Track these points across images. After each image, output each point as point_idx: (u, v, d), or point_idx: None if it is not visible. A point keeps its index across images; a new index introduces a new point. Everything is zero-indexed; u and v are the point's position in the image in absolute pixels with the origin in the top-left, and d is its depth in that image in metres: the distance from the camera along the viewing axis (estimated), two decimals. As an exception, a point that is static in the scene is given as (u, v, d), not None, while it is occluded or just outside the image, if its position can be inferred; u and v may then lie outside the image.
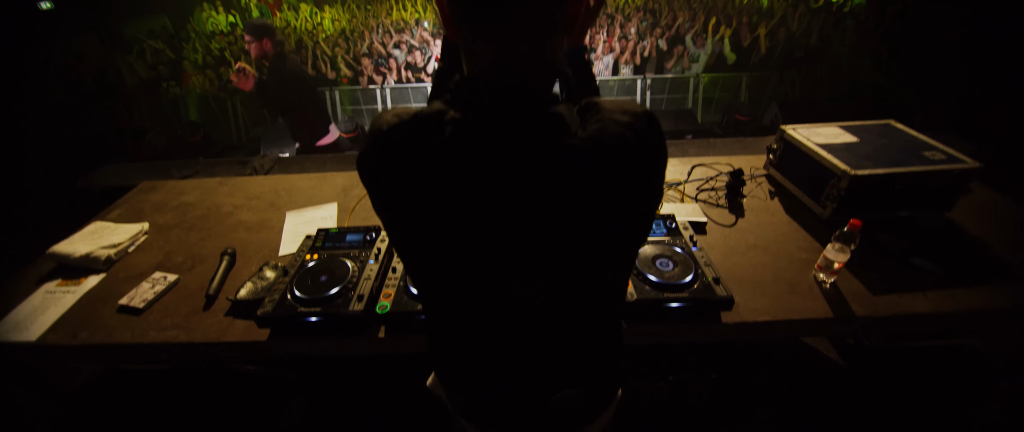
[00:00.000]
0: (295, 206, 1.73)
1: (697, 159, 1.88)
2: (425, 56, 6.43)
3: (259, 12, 10.23)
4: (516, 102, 0.53)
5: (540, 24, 0.52)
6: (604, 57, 6.15)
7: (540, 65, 0.55)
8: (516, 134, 0.52)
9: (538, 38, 0.53)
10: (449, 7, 0.54)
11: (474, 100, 0.54)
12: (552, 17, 0.52)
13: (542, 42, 0.53)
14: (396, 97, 6.32)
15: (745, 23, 6.74)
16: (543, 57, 0.54)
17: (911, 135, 1.65)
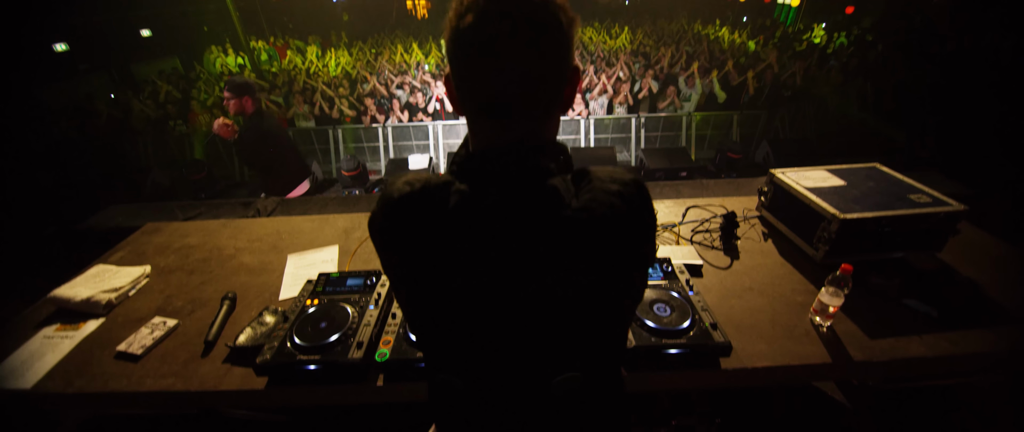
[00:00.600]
0: (297, 248, 1.76)
1: (691, 200, 1.92)
2: (426, 96, 6.65)
3: (267, 55, 10.65)
4: (516, 176, 0.57)
5: (540, 113, 0.58)
6: (599, 97, 6.38)
7: (539, 142, 0.60)
8: (516, 205, 0.56)
9: (538, 123, 0.58)
10: (457, 94, 0.60)
11: (478, 173, 0.58)
12: (551, 106, 0.59)
13: (542, 124, 0.59)
14: (397, 135, 6.48)
15: (732, 65, 7.04)
16: (542, 135, 0.60)
17: (897, 178, 1.70)
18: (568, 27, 0.55)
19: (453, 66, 0.58)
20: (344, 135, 6.49)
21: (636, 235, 0.59)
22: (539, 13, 0.52)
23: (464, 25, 0.52)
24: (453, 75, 0.59)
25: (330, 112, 6.65)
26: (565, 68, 0.58)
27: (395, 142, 6.48)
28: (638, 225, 0.59)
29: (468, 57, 0.54)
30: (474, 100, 0.58)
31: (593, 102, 6.41)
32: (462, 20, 0.52)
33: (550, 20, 0.53)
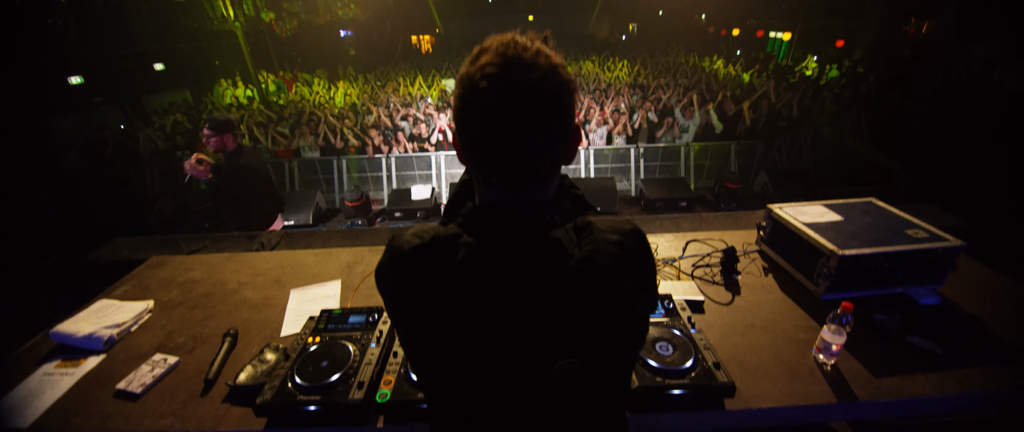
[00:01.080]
0: (300, 283, 1.77)
1: (691, 234, 1.94)
2: (429, 128, 6.80)
3: (275, 87, 10.98)
4: (521, 229, 0.60)
5: (545, 172, 0.62)
6: (598, 129, 6.51)
7: (544, 197, 0.63)
8: (521, 257, 0.59)
9: (543, 180, 0.62)
10: (462, 150, 0.63)
11: (485, 227, 0.61)
12: (555, 165, 0.63)
13: (547, 181, 0.62)
14: (400, 165, 6.59)
15: (728, 97, 7.22)
16: (546, 190, 0.63)
17: (893, 213, 1.73)
18: (572, 92, 0.59)
19: (461, 127, 0.61)
20: (348, 165, 6.59)
21: (637, 283, 0.61)
22: (547, 82, 0.56)
23: (475, 92, 0.56)
24: (460, 134, 0.62)
25: (335, 142, 6.78)
26: (570, 130, 0.61)
27: (398, 172, 6.58)
28: (638, 274, 0.61)
29: (478, 124, 0.58)
30: (481, 163, 0.61)
31: (592, 133, 6.54)
32: (474, 87, 0.56)
33: (557, 88, 0.57)
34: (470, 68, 0.57)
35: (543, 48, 0.57)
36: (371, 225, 4.74)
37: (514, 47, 0.55)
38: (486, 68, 0.55)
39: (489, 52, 0.56)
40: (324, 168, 6.67)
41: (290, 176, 6.69)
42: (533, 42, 0.57)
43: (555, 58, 0.58)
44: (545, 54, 0.57)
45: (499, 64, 0.54)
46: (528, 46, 0.56)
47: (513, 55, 0.55)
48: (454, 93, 0.60)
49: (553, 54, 0.58)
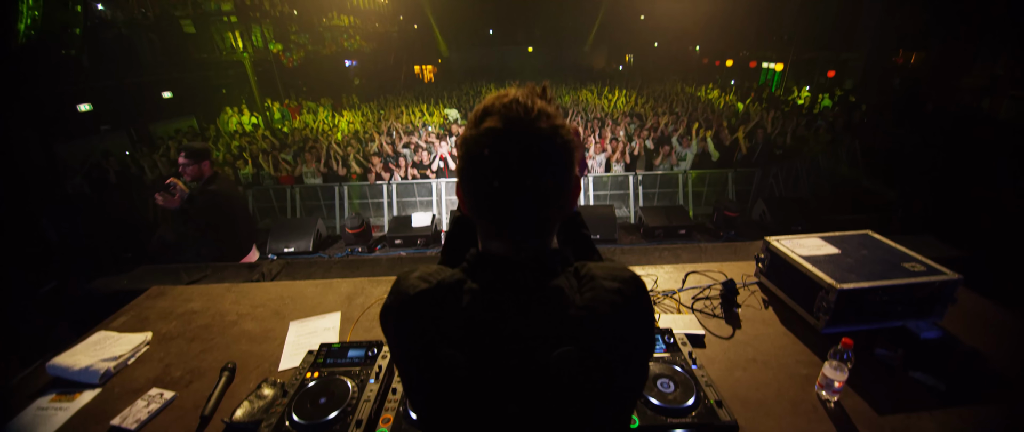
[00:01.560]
0: (299, 315, 1.76)
1: (690, 266, 1.95)
2: (431, 156, 6.90)
3: (280, 115, 11.20)
4: (524, 278, 0.62)
5: (546, 227, 0.64)
6: (597, 156, 6.61)
7: (546, 245, 0.65)
8: (524, 305, 0.60)
9: (546, 229, 0.64)
10: (467, 202, 0.65)
11: (489, 274, 0.63)
12: (557, 215, 0.65)
13: (548, 234, 0.64)
14: (401, 191, 6.64)
15: (725, 125, 7.36)
16: (549, 238, 0.65)
17: (889, 245, 1.74)
18: (572, 151, 0.62)
19: (466, 186, 0.63)
20: (350, 191, 6.65)
21: (636, 329, 0.62)
22: (548, 145, 0.59)
23: (480, 156, 0.58)
24: (465, 192, 0.64)
25: (338, 169, 6.87)
26: (571, 183, 0.64)
27: (399, 198, 6.63)
28: (637, 321, 0.62)
29: (483, 185, 0.60)
30: (486, 216, 0.64)
31: (591, 160, 6.64)
32: (478, 150, 0.58)
33: (559, 149, 0.60)
34: (474, 131, 0.59)
35: (544, 107, 0.60)
36: (371, 252, 4.74)
37: (516, 109, 0.58)
38: (490, 132, 0.57)
39: (492, 116, 0.58)
40: (326, 194, 6.72)
41: (292, 202, 6.73)
42: (534, 102, 0.59)
43: (556, 118, 0.61)
44: (546, 114, 0.59)
45: (502, 129, 0.57)
46: (530, 107, 0.58)
47: (515, 119, 0.57)
48: (458, 154, 0.62)
49: (554, 113, 0.61)
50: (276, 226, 4.99)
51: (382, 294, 1.88)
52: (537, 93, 0.62)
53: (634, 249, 2.37)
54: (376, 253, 4.73)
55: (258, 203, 6.94)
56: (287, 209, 6.70)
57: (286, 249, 4.68)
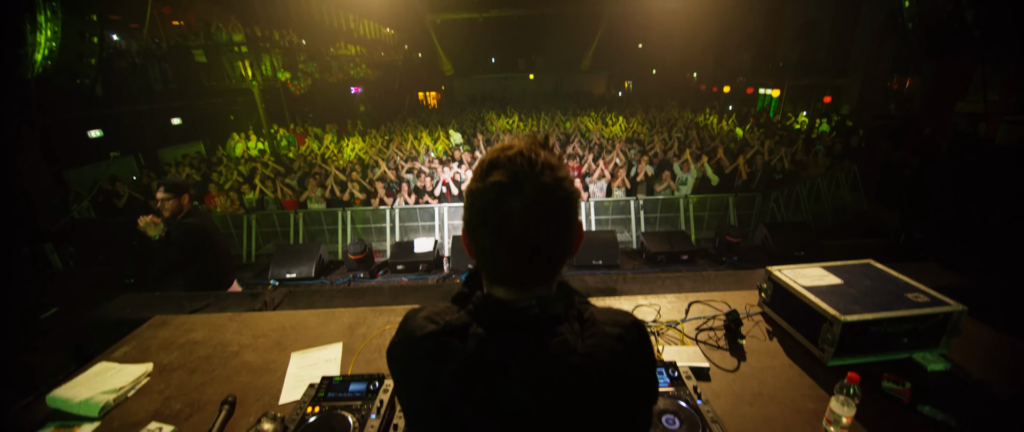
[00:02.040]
0: (301, 345, 1.76)
1: (693, 295, 1.95)
2: (434, 181, 6.97)
3: (287, 141, 11.40)
4: (528, 324, 0.63)
5: (549, 274, 0.66)
6: (598, 182, 6.67)
7: (549, 291, 0.67)
8: (528, 351, 0.61)
9: (547, 281, 0.66)
10: (472, 251, 0.67)
11: (495, 319, 0.64)
12: (559, 267, 0.67)
13: (550, 280, 0.66)
14: (404, 216, 6.68)
15: (723, 152, 7.45)
16: (552, 285, 0.67)
17: (892, 276, 1.74)
18: (575, 201, 0.64)
19: (471, 236, 0.65)
20: (353, 216, 6.70)
21: (637, 374, 0.63)
22: (552, 198, 0.61)
23: (486, 208, 0.60)
24: (471, 242, 0.66)
25: (342, 195, 6.93)
26: (574, 232, 0.66)
27: (402, 223, 6.66)
28: (639, 366, 0.63)
29: (489, 236, 0.62)
30: (490, 266, 0.66)
31: (593, 186, 6.69)
32: (484, 202, 0.61)
33: (562, 201, 0.62)
34: (480, 184, 0.62)
35: (548, 159, 0.62)
36: (373, 278, 4.73)
37: (520, 163, 0.60)
38: (496, 186, 0.60)
39: (498, 169, 0.61)
40: (328, 219, 6.76)
41: (295, 227, 6.77)
42: (537, 154, 0.62)
43: (559, 170, 0.63)
44: (549, 166, 0.62)
45: (507, 183, 0.59)
46: (533, 161, 0.61)
47: (520, 173, 0.60)
48: (465, 205, 0.65)
49: (557, 164, 0.63)
50: (278, 251, 5.00)
51: (384, 324, 1.88)
52: (540, 143, 0.64)
53: (636, 278, 2.37)
54: (378, 279, 4.72)
55: (261, 228, 6.98)
56: (290, 234, 6.73)
57: (288, 275, 4.67)
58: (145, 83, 10.69)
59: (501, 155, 0.62)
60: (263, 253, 6.74)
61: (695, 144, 8.42)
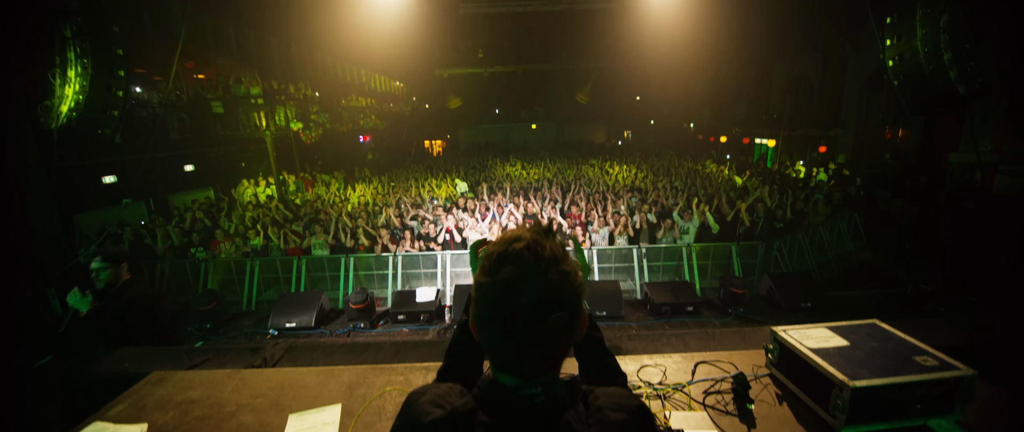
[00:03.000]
0: (299, 406, 1.72)
1: (699, 355, 1.92)
2: (437, 228, 7.05)
3: (295, 186, 11.67)
4: (533, 412, 0.65)
5: (554, 363, 0.69)
6: (600, 230, 6.72)
7: (555, 379, 0.68)
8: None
9: (552, 369, 0.68)
10: (480, 340, 0.69)
11: (500, 407, 0.66)
12: (563, 356, 0.69)
13: (557, 367, 0.68)
14: (407, 263, 6.69)
15: (724, 201, 7.55)
16: (555, 373, 0.69)
17: (899, 337, 1.73)
18: (580, 294, 0.67)
19: (480, 328, 0.67)
20: (356, 263, 6.71)
21: None
22: (558, 294, 0.64)
23: (494, 302, 0.63)
24: (479, 332, 0.68)
25: (346, 241, 6.99)
26: (579, 320, 0.68)
27: (404, 270, 6.65)
28: None
29: (497, 329, 0.64)
30: (497, 355, 0.68)
31: (594, 234, 6.74)
32: (493, 296, 0.64)
33: (568, 295, 0.65)
34: (490, 279, 0.65)
35: (554, 251, 0.65)
36: (374, 327, 4.67)
37: (527, 258, 0.63)
38: (504, 284, 0.63)
39: (507, 265, 0.64)
40: (331, 266, 6.77)
41: (297, 274, 6.76)
42: (543, 249, 0.65)
43: (564, 264, 0.66)
44: (556, 260, 0.65)
45: (515, 281, 0.63)
46: (540, 255, 0.64)
47: (528, 270, 0.63)
48: (474, 297, 0.68)
49: (562, 257, 0.66)
50: (279, 300, 4.97)
51: (385, 383, 1.85)
52: (545, 232, 0.68)
53: (640, 334, 2.34)
54: (379, 329, 4.65)
55: (264, 273, 6.98)
56: (292, 280, 6.72)
57: (288, 324, 4.62)
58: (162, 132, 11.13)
59: (509, 249, 0.65)
60: (264, 299, 6.69)
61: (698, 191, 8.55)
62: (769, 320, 4.43)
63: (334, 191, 10.73)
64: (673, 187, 9.09)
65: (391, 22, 7.89)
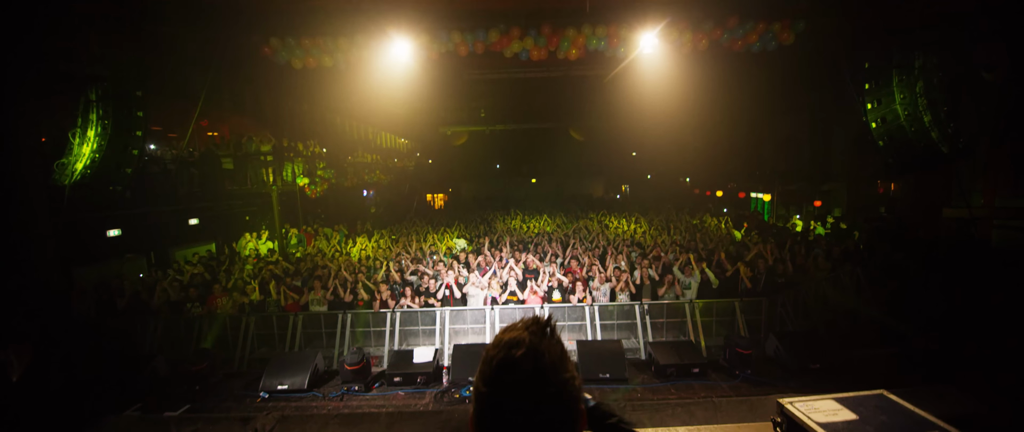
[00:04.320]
0: (290, 485, 1.65)
1: (706, 428, 1.86)
2: (437, 284, 7.01)
3: (296, 240, 11.73)
4: None
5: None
6: (602, 286, 6.68)
7: None
8: None
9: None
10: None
11: None
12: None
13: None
14: (405, 319, 6.57)
15: (724, 257, 7.57)
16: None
17: (909, 410, 1.68)
18: (578, 401, 0.68)
19: (479, 429, 0.68)
20: (353, 320, 6.59)
21: None
22: (558, 404, 0.66)
23: (495, 411, 0.65)
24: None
25: (344, 296, 6.91)
26: (579, 422, 0.69)
27: (402, 327, 6.52)
28: None
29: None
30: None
31: (596, 290, 6.68)
32: (493, 406, 0.66)
33: (566, 402, 0.66)
34: (489, 388, 0.67)
35: (551, 355, 0.67)
36: (369, 390, 4.50)
37: (526, 367, 0.65)
38: (503, 392, 0.66)
39: (505, 373, 0.66)
40: (328, 322, 6.64)
41: (293, 331, 6.62)
42: (542, 356, 0.66)
43: (563, 370, 0.68)
44: (554, 369, 0.67)
45: (515, 389, 0.65)
46: (539, 364, 0.65)
47: (527, 379, 0.65)
48: (473, 405, 0.69)
49: (561, 365, 0.68)
50: (273, 361, 4.84)
51: (380, 459, 1.77)
52: (543, 332, 0.69)
53: (645, 401, 2.28)
54: (374, 392, 4.48)
55: (259, 330, 6.83)
56: (287, 339, 6.56)
57: (280, 386, 4.46)
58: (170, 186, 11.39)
59: (508, 357, 0.66)
60: (257, 357, 6.48)
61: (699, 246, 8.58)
62: (778, 382, 4.28)
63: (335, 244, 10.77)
64: (673, 242, 9.14)
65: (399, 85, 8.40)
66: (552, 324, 0.72)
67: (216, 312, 6.99)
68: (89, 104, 7.26)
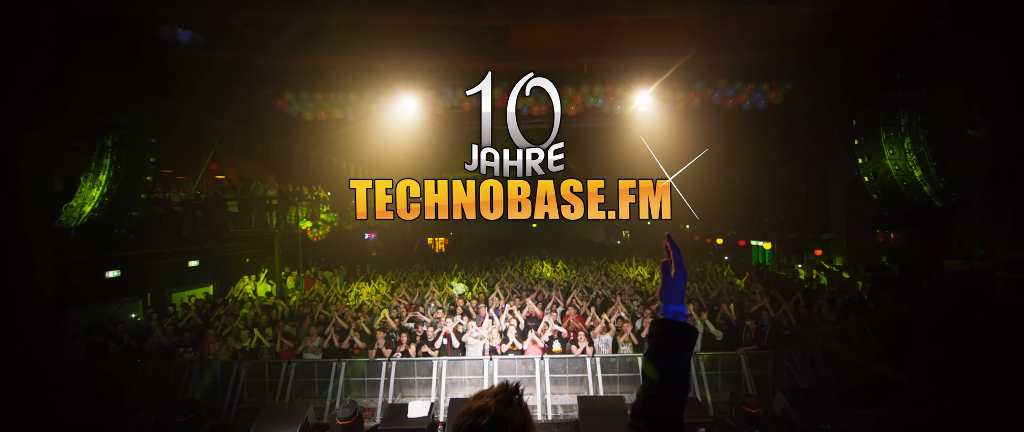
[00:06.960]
0: None
1: (708, 499, 1.79)
2: (436, 331, 6.89)
3: (294, 283, 11.64)
4: None
5: None
6: (603, 336, 6.56)
7: None
8: None
9: None
10: None
11: None
12: None
13: None
14: (401, 369, 6.40)
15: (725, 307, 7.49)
16: None
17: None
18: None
19: None
20: (347, 369, 6.42)
21: None
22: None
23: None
24: None
25: (340, 344, 6.77)
26: None
27: (398, 377, 6.35)
28: None
29: None
30: None
31: (597, 340, 6.56)
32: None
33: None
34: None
35: (516, 425, 0.72)
36: (360, 447, 4.31)
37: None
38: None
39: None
40: (322, 371, 6.47)
41: (285, 379, 6.43)
42: (506, 427, 0.71)
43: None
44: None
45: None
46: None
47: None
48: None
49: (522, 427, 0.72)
50: (262, 414, 4.68)
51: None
52: (510, 400, 0.75)
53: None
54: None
55: (250, 377, 6.65)
56: (278, 387, 6.36)
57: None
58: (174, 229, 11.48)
59: (474, 425, 0.72)
60: (245, 407, 6.24)
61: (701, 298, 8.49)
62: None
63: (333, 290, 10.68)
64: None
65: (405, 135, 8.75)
66: (519, 392, 0.77)
67: (208, 358, 6.82)
68: (104, 149, 7.51)
